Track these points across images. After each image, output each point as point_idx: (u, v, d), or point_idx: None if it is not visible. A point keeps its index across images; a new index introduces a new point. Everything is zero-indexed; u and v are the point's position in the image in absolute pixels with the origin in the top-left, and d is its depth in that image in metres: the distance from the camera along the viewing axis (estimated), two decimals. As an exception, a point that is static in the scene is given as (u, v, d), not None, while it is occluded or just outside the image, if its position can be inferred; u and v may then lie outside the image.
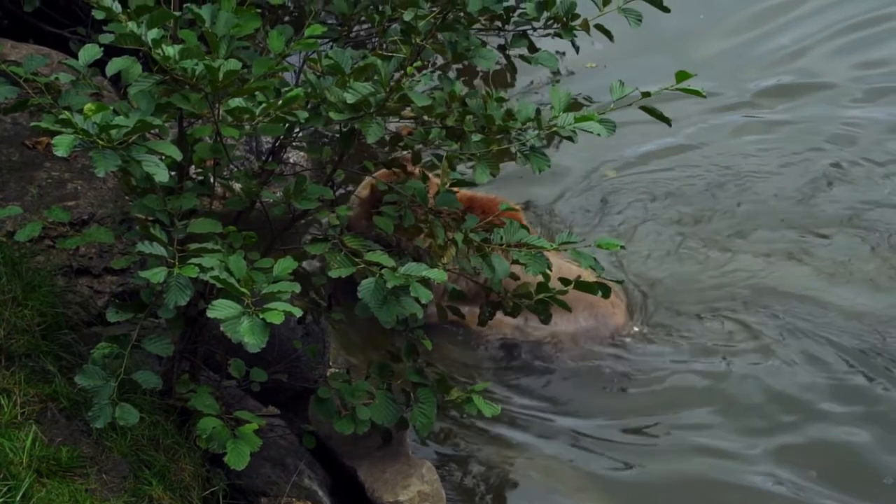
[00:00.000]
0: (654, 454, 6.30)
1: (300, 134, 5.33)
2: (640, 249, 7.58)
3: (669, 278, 7.41)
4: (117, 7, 4.38)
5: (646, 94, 4.84)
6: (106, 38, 4.58)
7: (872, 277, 7.41)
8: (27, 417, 4.75)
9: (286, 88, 4.58)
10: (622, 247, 5.11)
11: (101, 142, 4.15)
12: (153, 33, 4.35)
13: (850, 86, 9.20)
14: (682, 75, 4.78)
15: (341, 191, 6.54)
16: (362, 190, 6.84)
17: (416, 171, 5.67)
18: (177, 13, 4.58)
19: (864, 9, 9.98)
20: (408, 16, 4.88)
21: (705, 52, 9.43)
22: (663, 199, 8.06)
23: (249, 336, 4.02)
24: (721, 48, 9.55)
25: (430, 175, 5.82)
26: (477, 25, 5.46)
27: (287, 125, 4.76)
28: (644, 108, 4.91)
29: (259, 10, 4.58)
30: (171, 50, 4.34)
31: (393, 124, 5.43)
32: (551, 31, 5.80)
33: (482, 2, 4.90)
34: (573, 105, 4.83)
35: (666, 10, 5.50)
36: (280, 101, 4.46)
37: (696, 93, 4.84)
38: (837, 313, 7.14)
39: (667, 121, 5.01)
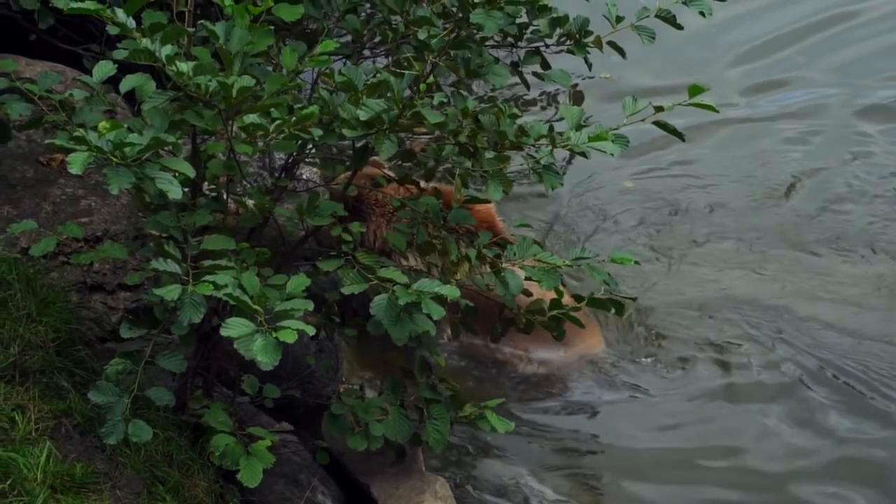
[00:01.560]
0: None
1: (313, 150, 5.34)
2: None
3: (653, 299, 7.27)
4: (131, 23, 4.40)
5: (658, 109, 4.82)
6: (120, 55, 4.61)
7: (861, 297, 7.27)
8: (41, 433, 4.75)
9: (299, 105, 4.59)
10: (636, 262, 5.08)
11: (114, 159, 4.16)
12: (167, 50, 4.37)
13: (821, 78, 9.13)
14: (694, 89, 4.76)
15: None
16: None
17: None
18: (190, 30, 4.60)
19: (826, 5, 9.96)
20: (422, 34, 4.89)
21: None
22: (643, 210, 8.02)
23: (262, 355, 4.02)
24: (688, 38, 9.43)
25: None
26: (489, 42, 5.46)
27: (300, 142, 4.77)
28: (657, 124, 4.89)
29: (272, 28, 4.60)
30: (184, 66, 4.36)
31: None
32: (564, 47, 5.81)
33: (496, 24, 4.89)
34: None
35: (679, 27, 5.49)
36: (294, 118, 4.47)
37: (709, 107, 4.81)
38: (830, 331, 6.97)
39: (680, 136, 4.98)
